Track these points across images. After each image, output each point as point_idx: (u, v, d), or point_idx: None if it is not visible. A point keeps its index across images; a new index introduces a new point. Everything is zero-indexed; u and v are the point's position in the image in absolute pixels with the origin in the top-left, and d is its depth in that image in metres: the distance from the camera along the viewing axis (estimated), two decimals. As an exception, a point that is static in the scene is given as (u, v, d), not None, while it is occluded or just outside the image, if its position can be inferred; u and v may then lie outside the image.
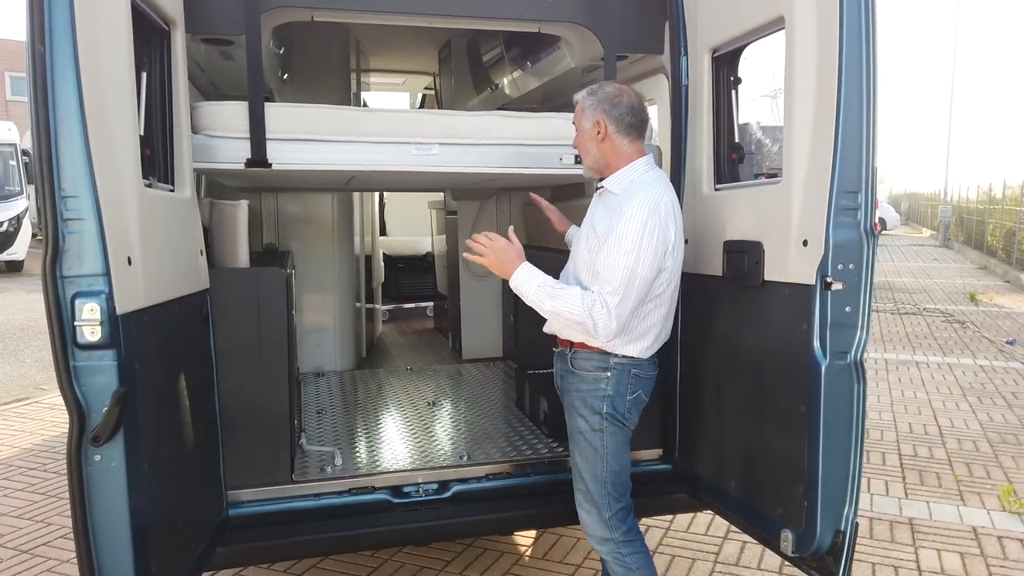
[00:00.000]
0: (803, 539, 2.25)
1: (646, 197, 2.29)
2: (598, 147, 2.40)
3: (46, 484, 4.58)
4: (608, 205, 2.39)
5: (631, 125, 2.38)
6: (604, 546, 2.46)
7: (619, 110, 2.36)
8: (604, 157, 2.41)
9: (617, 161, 2.40)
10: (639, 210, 2.26)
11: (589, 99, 2.40)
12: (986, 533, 3.92)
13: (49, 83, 1.65)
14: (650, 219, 2.25)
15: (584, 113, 2.41)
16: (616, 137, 2.38)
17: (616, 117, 2.36)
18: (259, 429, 2.69)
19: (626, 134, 2.38)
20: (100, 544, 1.77)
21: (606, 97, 2.37)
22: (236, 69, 3.11)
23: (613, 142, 2.38)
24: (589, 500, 2.45)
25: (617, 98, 2.37)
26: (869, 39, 2.08)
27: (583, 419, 2.43)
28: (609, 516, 2.43)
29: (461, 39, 5.16)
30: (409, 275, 7.95)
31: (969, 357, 8.30)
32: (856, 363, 2.16)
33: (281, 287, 2.70)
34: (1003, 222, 18.31)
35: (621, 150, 2.39)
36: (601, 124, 2.37)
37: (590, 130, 2.39)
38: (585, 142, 2.43)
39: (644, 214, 2.25)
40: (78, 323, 1.71)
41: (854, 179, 2.11)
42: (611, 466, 2.42)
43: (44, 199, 1.68)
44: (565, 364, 2.49)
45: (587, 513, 2.47)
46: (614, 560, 2.45)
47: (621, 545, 2.44)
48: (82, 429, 1.72)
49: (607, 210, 2.37)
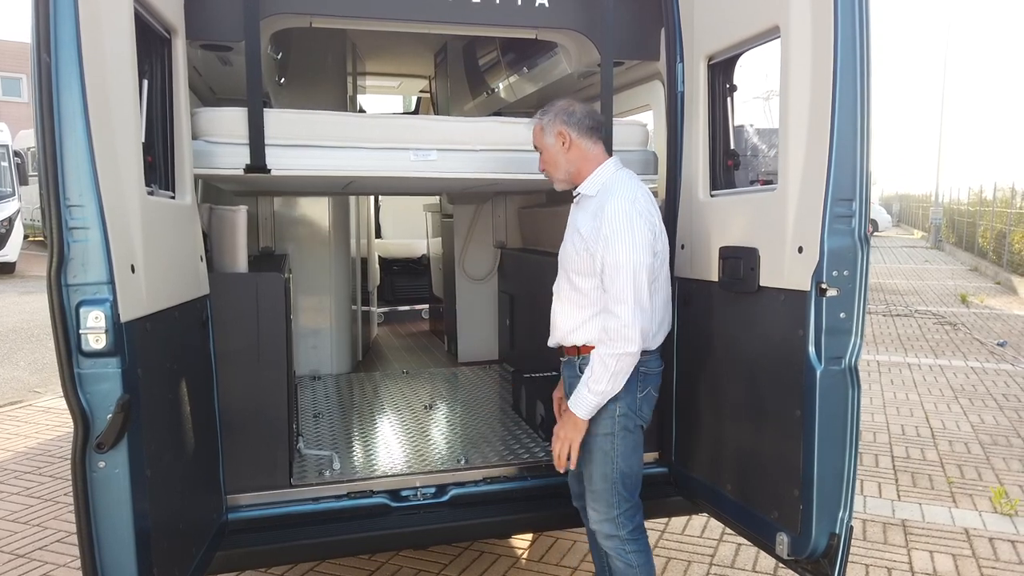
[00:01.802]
0: (798, 542, 2.27)
1: (623, 192, 2.40)
2: (566, 157, 2.50)
3: (41, 488, 4.57)
4: (588, 209, 2.47)
5: (591, 128, 2.51)
6: (609, 541, 2.50)
7: (576, 117, 2.49)
8: (574, 164, 2.51)
9: (587, 165, 2.51)
10: (619, 204, 2.36)
11: (545, 117, 2.52)
12: (978, 534, 3.96)
13: (54, 92, 1.66)
14: (631, 209, 2.35)
15: (545, 131, 2.52)
16: (581, 142, 2.49)
17: (576, 123, 2.48)
18: (258, 433, 2.71)
19: (589, 137, 2.50)
20: (104, 549, 1.78)
21: (560, 110, 2.51)
22: (234, 74, 3.12)
23: (580, 147, 2.49)
24: (598, 499, 2.49)
25: (571, 107, 2.51)
26: (863, 48, 2.11)
27: (595, 423, 2.43)
28: (617, 514, 2.47)
29: (458, 43, 5.18)
30: (404, 278, 7.95)
31: (961, 359, 8.36)
32: (850, 368, 2.19)
33: (280, 292, 2.71)
34: (994, 224, 18.44)
35: (589, 153, 2.51)
36: (564, 134, 2.48)
37: (555, 143, 2.50)
38: (553, 157, 2.52)
39: (625, 206, 2.35)
40: (83, 331, 1.72)
41: (848, 187, 2.14)
42: (620, 467, 2.45)
43: (49, 208, 1.69)
44: (574, 371, 2.52)
45: (595, 511, 2.51)
46: (617, 556, 2.49)
47: (626, 542, 2.49)
48: (86, 436, 1.74)
49: (588, 214, 2.45)
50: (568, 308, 2.51)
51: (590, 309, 2.44)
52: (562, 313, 2.54)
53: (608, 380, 2.33)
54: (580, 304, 2.47)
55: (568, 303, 2.51)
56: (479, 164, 2.92)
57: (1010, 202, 17.71)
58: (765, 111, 41.79)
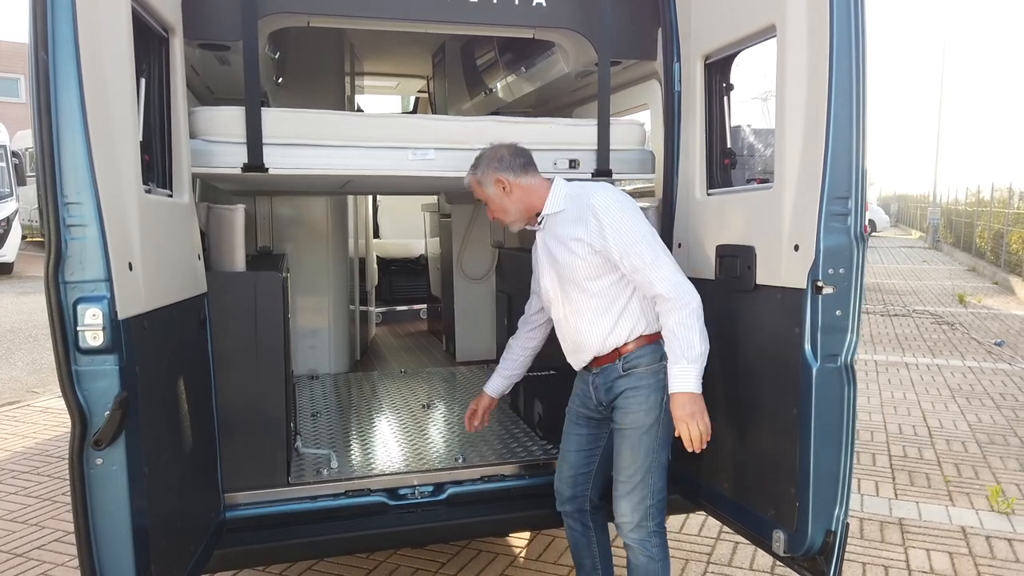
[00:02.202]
0: (795, 539, 2.28)
1: (597, 187, 2.46)
2: (511, 199, 2.53)
3: (39, 487, 4.57)
4: (566, 220, 2.48)
5: (525, 164, 2.54)
6: (635, 533, 2.49)
7: (506, 160, 2.52)
8: (522, 203, 2.54)
9: (536, 197, 2.54)
10: (605, 195, 2.41)
11: (477, 171, 2.55)
12: (975, 533, 3.97)
13: (52, 90, 1.66)
14: (617, 194, 2.42)
15: (482, 183, 2.54)
16: (520, 181, 2.52)
17: (508, 167, 2.52)
18: (255, 432, 2.71)
19: (526, 173, 2.53)
20: (101, 547, 1.79)
21: (489, 159, 2.54)
22: (231, 73, 3.12)
23: (521, 186, 2.53)
24: (632, 489, 2.47)
25: (496, 153, 2.54)
26: (859, 47, 2.12)
27: (644, 414, 2.44)
28: (650, 504, 2.47)
29: (455, 43, 5.18)
30: (402, 278, 7.95)
31: (958, 358, 8.38)
32: (847, 366, 2.20)
33: (278, 291, 2.72)
34: (992, 224, 18.47)
35: (533, 187, 2.54)
36: (502, 180, 2.51)
37: (497, 191, 2.53)
38: (500, 204, 2.55)
39: (610, 194, 2.42)
40: (80, 328, 1.73)
41: (844, 185, 2.15)
42: (660, 458, 2.47)
43: (47, 205, 1.69)
44: (616, 372, 2.49)
45: (627, 501, 2.48)
46: (641, 548, 2.49)
47: (652, 535, 2.50)
48: (84, 433, 1.74)
49: (570, 223, 2.45)
50: (593, 318, 2.48)
51: (615, 307, 2.45)
52: (588, 325, 2.49)
53: (699, 339, 2.31)
54: (605, 308, 2.46)
55: (590, 313, 2.48)
56: None
57: (1008, 202, 17.74)
58: (763, 111, 41.84)
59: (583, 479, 2.71)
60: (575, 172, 3.02)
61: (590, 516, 2.75)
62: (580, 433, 2.69)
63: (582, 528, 2.75)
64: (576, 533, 2.77)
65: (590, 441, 2.69)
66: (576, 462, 2.70)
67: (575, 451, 2.70)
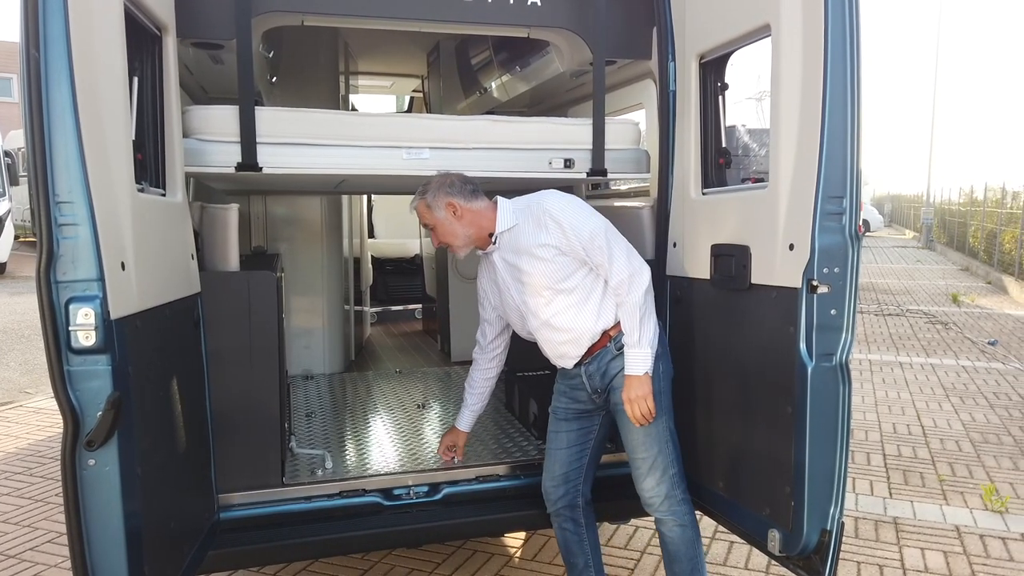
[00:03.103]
0: (790, 538, 2.28)
1: (540, 195, 2.55)
2: (461, 224, 2.57)
3: (32, 488, 4.55)
4: (522, 232, 2.53)
5: (472, 191, 2.59)
6: (665, 505, 2.54)
7: (456, 187, 2.57)
8: (472, 227, 2.58)
9: (486, 220, 2.58)
10: (553, 198, 2.50)
11: (428, 195, 2.58)
12: (969, 532, 3.98)
13: (44, 88, 1.65)
14: (561, 196, 2.52)
15: (432, 208, 2.57)
16: (469, 205, 2.57)
17: (458, 192, 2.57)
18: (250, 432, 2.70)
19: (474, 198, 2.58)
20: (94, 548, 1.77)
21: (439, 184, 2.58)
22: (225, 72, 3.11)
23: (470, 211, 2.57)
24: (653, 465, 2.53)
25: (446, 179, 2.59)
26: (853, 46, 2.12)
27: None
28: (673, 473, 2.54)
29: (450, 43, 5.18)
30: (397, 277, 7.94)
31: (952, 358, 8.40)
32: (841, 365, 2.20)
33: (272, 291, 2.71)
34: (985, 224, 18.54)
35: (480, 211, 2.58)
36: (453, 204, 2.55)
37: (447, 215, 2.56)
38: (449, 228, 2.58)
39: (556, 196, 2.51)
40: (72, 328, 1.71)
41: (839, 184, 2.15)
42: (670, 426, 2.56)
43: (38, 204, 1.68)
44: (609, 354, 2.56)
45: (651, 477, 2.54)
46: (674, 518, 2.55)
47: (681, 503, 2.56)
48: (76, 434, 1.73)
49: (526, 234, 2.52)
50: (577, 312, 2.53)
51: (595, 294, 2.53)
52: (574, 319, 2.54)
53: (640, 325, 2.43)
54: (583, 298, 2.52)
55: (573, 308, 2.53)
56: (472, 162, 2.92)
57: (1001, 202, 17.81)
58: (757, 112, 41.92)
59: (575, 475, 2.73)
60: (570, 171, 3.02)
61: (581, 512, 2.76)
62: (570, 430, 2.71)
63: (573, 526, 2.76)
64: (568, 532, 2.77)
65: (580, 436, 2.71)
66: (567, 459, 2.71)
67: (565, 448, 2.71)
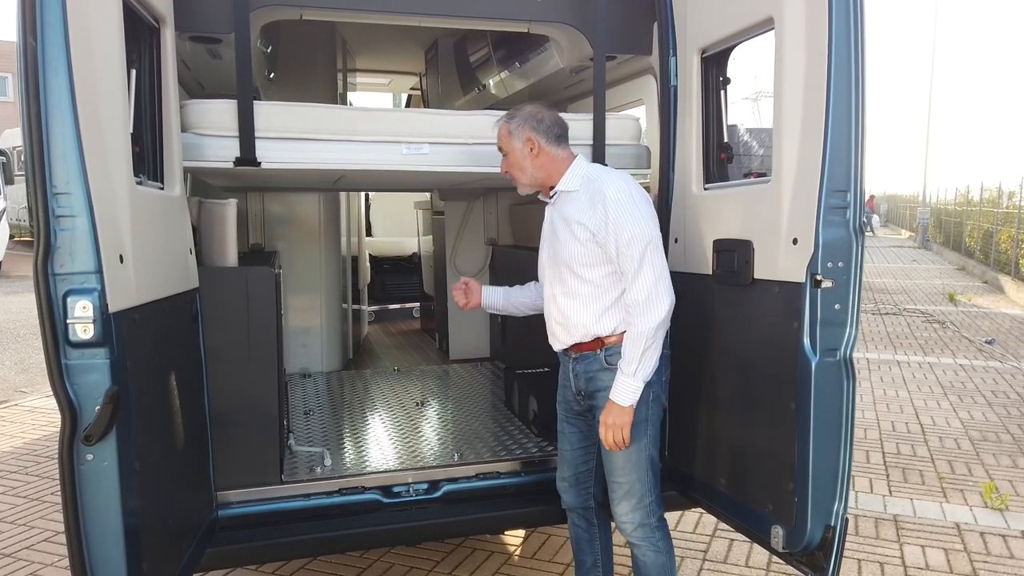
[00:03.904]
0: (793, 535, 2.27)
1: (614, 176, 2.43)
2: (533, 163, 2.49)
3: (28, 487, 4.52)
4: (576, 201, 2.45)
5: (558, 135, 2.50)
6: (640, 531, 2.49)
7: (545, 124, 2.48)
8: (541, 171, 2.50)
9: (556, 169, 2.50)
10: (619, 186, 2.37)
11: (513, 122, 2.49)
12: (969, 529, 3.97)
13: (41, 77, 1.63)
14: (631, 188, 2.38)
15: (512, 136, 2.49)
16: (549, 149, 2.48)
17: (544, 131, 2.47)
18: (248, 429, 2.68)
19: (556, 144, 2.49)
20: (92, 545, 1.75)
21: (530, 115, 2.48)
22: (223, 67, 3.09)
23: (547, 154, 2.48)
24: (629, 488, 2.47)
25: (539, 114, 2.49)
26: (857, 39, 2.10)
27: None
28: (649, 501, 2.48)
29: (448, 39, 5.16)
30: (395, 276, 7.92)
31: (949, 356, 8.41)
32: (845, 360, 2.19)
33: (271, 286, 2.69)
34: (981, 224, 18.57)
35: (556, 159, 2.50)
36: (532, 140, 2.47)
37: (522, 149, 2.48)
38: (519, 161, 2.51)
39: (625, 187, 2.37)
40: (70, 321, 1.69)
41: (843, 178, 2.13)
42: (652, 454, 2.47)
43: (36, 196, 1.66)
44: (599, 364, 2.47)
45: (626, 502, 2.48)
46: (648, 544, 2.49)
47: (656, 530, 2.50)
48: (74, 428, 1.70)
49: (579, 205, 2.43)
50: (582, 303, 2.46)
51: (607, 298, 2.43)
52: (576, 309, 2.47)
53: (641, 357, 2.30)
54: (595, 296, 2.43)
55: (580, 298, 2.46)
56: (472, 158, 2.90)
57: (997, 202, 17.85)
58: (754, 112, 41.88)
59: (584, 477, 2.69)
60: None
61: (595, 513, 2.73)
62: (572, 432, 2.67)
63: (586, 525, 2.74)
64: (579, 530, 2.75)
65: (582, 439, 2.66)
66: (573, 461, 2.68)
67: (570, 450, 2.68)
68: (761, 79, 37.97)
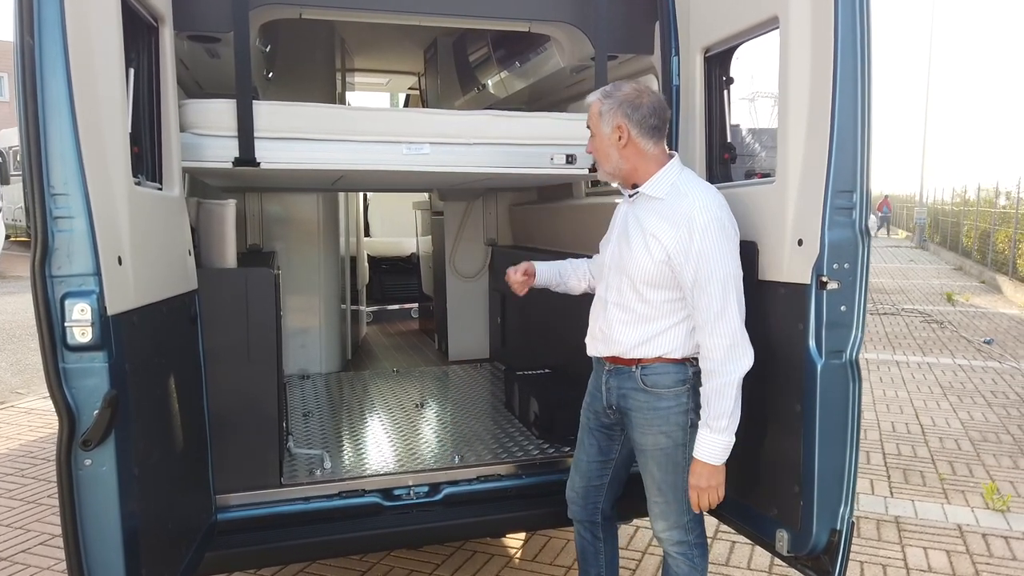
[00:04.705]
0: (798, 538, 2.25)
1: (708, 199, 2.19)
2: (620, 153, 2.25)
3: (24, 490, 4.48)
4: (658, 213, 2.23)
5: (654, 127, 2.24)
6: (677, 547, 2.39)
7: (641, 112, 2.22)
8: (628, 163, 2.26)
9: (644, 166, 2.26)
10: (711, 215, 2.15)
11: (607, 102, 2.24)
12: (971, 531, 3.96)
13: (38, 76, 1.60)
14: (723, 218, 2.18)
15: (602, 117, 2.24)
16: (640, 141, 2.23)
17: (638, 120, 2.22)
18: (247, 432, 2.65)
19: (650, 136, 2.24)
20: (90, 550, 1.72)
21: (626, 99, 2.22)
22: (221, 67, 3.07)
23: (637, 146, 2.24)
24: (667, 507, 2.35)
25: (637, 99, 2.23)
26: (863, 38, 2.08)
27: (666, 436, 2.29)
28: (687, 520, 2.35)
29: (447, 39, 5.14)
30: (393, 276, 7.90)
31: (948, 356, 8.41)
32: (851, 362, 2.16)
33: (270, 287, 2.66)
34: (978, 224, 18.60)
35: (647, 153, 2.25)
36: (623, 128, 2.22)
37: (610, 135, 2.24)
38: (605, 148, 2.27)
39: (717, 215, 2.16)
40: (68, 324, 1.66)
41: (849, 178, 2.11)
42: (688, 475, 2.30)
43: (33, 197, 1.63)
44: (634, 383, 2.32)
45: (664, 521, 2.37)
46: (684, 559, 2.39)
47: (694, 547, 2.39)
48: (72, 433, 1.68)
49: (661, 219, 2.22)
50: (632, 321, 2.29)
51: (659, 323, 2.26)
52: (624, 324, 2.31)
53: (731, 412, 2.13)
54: (649, 317, 2.27)
55: (632, 314, 2.29)
56: (473, 158, 2.88)
57: (993, 202, 17.88)
58: (751, 112, 41.90)
59: (595, 492, 2.57)
60: (572, 168, 2.98)
61: (601, 528, 2.62)
62: (592, 443, 2.54)
63: (591, 538, 2.64)
64: (585, 542, 2.65)
65: (603, 452, 2.53)
66: (589, 472, 2.55)
67: (587, 461, 2.56)
68: (758, 79, 37.91)
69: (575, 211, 4.16)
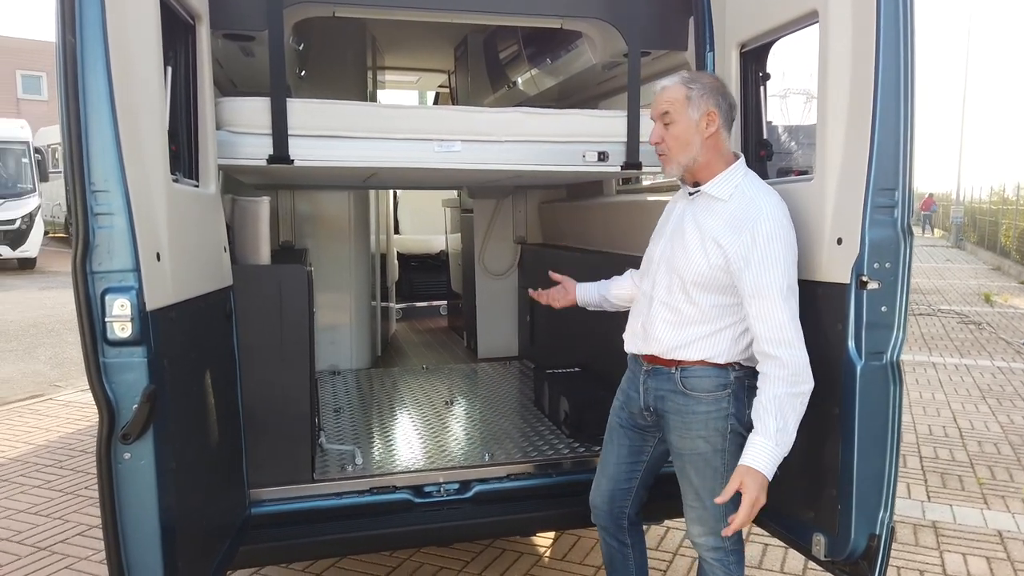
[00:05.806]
0: (836, 543, 2.20)
1: (773, 207, 2.14)
2: (703, 142, 2.16)
3: (63, 481, 4.58)
4: (720, 215, 2.17)
5: (731, 123, 2.23)
6: (714, 554, 2.33)
7: (728, 101, 2.18)
8: (705, 155, 2.18)
9: (716, 161, 2.20)
10: (776, 224, 2.11)
11: (695, 86, 2.15)
12: (1012, 537, 3.87)
13: (80, 75, 1.63)
14: (787, 228, 2.14)
15: (691, 102, 2.14)
16: (723, 132, 2.19)
17: (726, 110, 2.17)
18: (280, 427, 2.68)
19: (728, 129, 2.21)
20: (129, 542, 1.75)
21: (714, 87, 2.16)
22: (255, 65, 3.09)
23: (718, 138, 2.18)
24: (703, 516, 2.29)
25: (724, 89, 2.18)
26: (907, 30, 2.03)
27: (705, 441, 2.23)
28: (724, 527, 2.26)
29: (478, 36, 5.13)
30: (422, 274, 7.93)
31: (986, 359, 8.22)
32: (892, 364, 2.11)
33: (304, 284, 2.68)
34: (1016, 223, 18.17)
35: (722, 148, 2.20)
36: (713, 116, 2.14)
37: (699, 121, 2.15)
38: (686, 135, 2.16)
39: (780, 217, 2.12)
40: (108, 319, 1.69)
41: (891, 176, 2.06)
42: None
43: (74, 194, 1.65)
44: (673, 385, 2.26)
45: (700, 526, 2.31)
46: (720, 565, 2.33)
47: (730, 553, 2.33)
48: (112, 427, 1.70)
49: (723, 223, 2.15)
50: (677, 321, 2.24)
51: (705, 327, 2.20)
52: (667, 324, 2.25)
53: (794, 426, 2.08)
54: (694, 320, 2.21)
55: (678, 315, 2.23)
56: (504, 155, 2.87)
57: (1034, 200, 17.46)
58: (782, 109, 41.34)
59: (622, 495, 2.50)
60: (604, 165, 2.96)
61: (627, 533, 2.56)
62: (623, 443, 2.47)
63: (618, 544, 2.57)
64: (612, 549, 2.59)
65: (633, 453, 2.47)
66: (616, 476, 2.49)
67: (615, 464, 2.50)
68: (789, 76, 37.36)
69: (606, 209, 4.14)
